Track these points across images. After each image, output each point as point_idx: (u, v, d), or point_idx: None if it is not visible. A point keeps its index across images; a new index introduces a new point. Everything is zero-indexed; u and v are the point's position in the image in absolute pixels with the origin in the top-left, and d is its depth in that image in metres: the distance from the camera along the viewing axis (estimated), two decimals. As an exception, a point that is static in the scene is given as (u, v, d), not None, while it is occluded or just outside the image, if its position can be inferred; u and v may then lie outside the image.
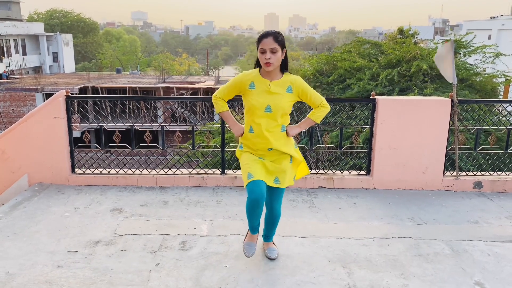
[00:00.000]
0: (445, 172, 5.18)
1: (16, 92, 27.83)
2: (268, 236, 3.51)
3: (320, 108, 3.21)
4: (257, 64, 3.16)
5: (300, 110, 8.31)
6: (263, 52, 3.00)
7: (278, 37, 3.00)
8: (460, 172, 5.28)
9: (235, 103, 5.90)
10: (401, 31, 12.44)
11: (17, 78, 33.78)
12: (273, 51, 2.99)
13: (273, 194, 3.28)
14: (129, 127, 5.16)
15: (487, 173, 5.30)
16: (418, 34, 12.41)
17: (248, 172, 3.12)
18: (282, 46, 3.03)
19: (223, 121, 5.08)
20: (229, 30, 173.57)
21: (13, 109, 27.88)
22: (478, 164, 7.05)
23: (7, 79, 32.95)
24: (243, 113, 3.37)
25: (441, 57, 5.14)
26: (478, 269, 3.39)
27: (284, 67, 3.13)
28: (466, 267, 3.42)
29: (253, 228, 3.35)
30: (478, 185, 5.10)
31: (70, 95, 4.90)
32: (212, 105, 25.79)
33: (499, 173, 5.34)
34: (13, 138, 4.90)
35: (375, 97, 5.00)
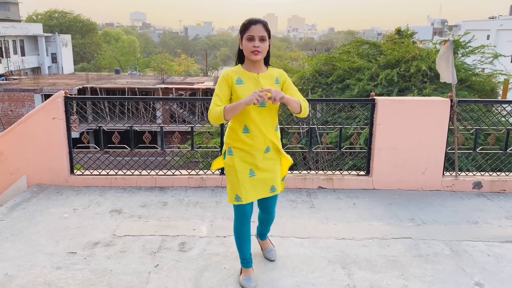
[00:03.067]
0: (445, 172, 5.17)
1: (15, 93, 27.80)
2: (263, 235, 3.47)
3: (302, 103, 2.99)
4: (239, 60, 2.94)
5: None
6: (251, 39, 2.78)
7: (266, 26, 2.81)
8: (459, 173, 5.28)
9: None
10: (398, 31, 12.45)
11: (15, 79, 33.73)
12: (262, 39, 2.78)
13: (269, 201, 3.16)
14: (128, 127, 5.15)
15: (487, 174, 5.30)
16: (415, 34, 12.42)
17: (237, 194, 2.95)
18: (269, 36, 2.84)
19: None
20: (228, 30, 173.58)
21: (11, 110, 27.84)
22: (477, 165, 7.05)
23: (6, 80, 32.90)
24: None
25: (441, 58, 5.13)
26: (478, 270, 3.39)
27: (268, 60, 2.96)
28: (466, 267, 3.42)
29: (246, 262, 3.13)
30: (477, 185, 5.09)
31: (69, 96, 4.89)
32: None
33: (498, 173, 5.33)
34: (12, 139, 4.89)
35: (375, 97, 4.99)
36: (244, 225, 3.08)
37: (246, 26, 2.80)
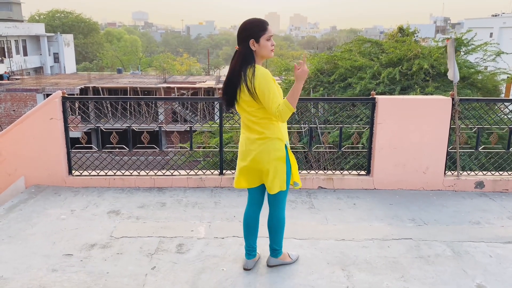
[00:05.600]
0: (446, 171, 5.11)
1: (17, 93, 27.81)
2: (272, 250, 3.28)
3: None
4: (251, 59, 2.89)
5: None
6: (270, 39, 2.92)
7: None
8: (461, 172, 5.21)
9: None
10: (400, 29, 12.38)
11: (18, 79, 33.77)
12: None
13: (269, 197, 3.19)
14: (127, 127, 5.11)
15: (489, 173, 5.24)
16: (418, 32, 12.35)
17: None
18: None
19: (221, 121, 5.03)
20: (230, 29, 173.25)
21: (14, 110, 27.86)
22: (480, 163, 6.99)
23: (8, 80, 32.95)
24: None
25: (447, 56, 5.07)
26: (479, 271, 3.33)
27: None
28: (468, 269, 3.36)
29: (247, 251, 3.26)
30: (479, 185, 5.03)
31: (67, 96, 4.85)
32: (211, 105, 25.69)
33: (501, 172, 5.27)
34: (10, 139, 4.86)
35: (375, 96, 4.94)
36: (249, 210, 3.21)
37: (265, 27, 2.90)
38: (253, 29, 2.88)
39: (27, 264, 3.33)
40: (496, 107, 5.48)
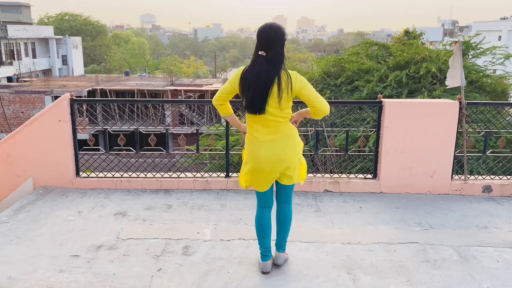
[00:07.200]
0: (454, 175, 5.09)
1: (26, 95, 28.07)
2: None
3: None
4: (283, 62, 3.01)
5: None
6: None
7: None
8: (469, 176, 5.19)
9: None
10: (406, 32, 12.35)
11: (26, 81, 34.08)
12: None
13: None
14: (134, 130, 5.13)
15: (497, 177, 5.20)
16: (423, 34, 12.31)
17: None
18: None
19: (227, 124, 5.04)
20: (237, 32, 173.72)
21: (22, 112, 28.12)
22: (488, 168, 6.94)
23: (17, 82, 33.26)
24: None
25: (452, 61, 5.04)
26: (487, 276, 3.31)
27: None
28: (475, 273, 3.34)
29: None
30: (487, 189, 5.00)
31: (75, 98, 4.89)
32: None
33: (508, 177, 5.23)
34: (18, 141, 4.91)
35: (382, 99, 4.93)
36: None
37: None
38: (285, 33, 2.99)
39: (35, 265, 3.36)
40: (504, 110, 5.44)
